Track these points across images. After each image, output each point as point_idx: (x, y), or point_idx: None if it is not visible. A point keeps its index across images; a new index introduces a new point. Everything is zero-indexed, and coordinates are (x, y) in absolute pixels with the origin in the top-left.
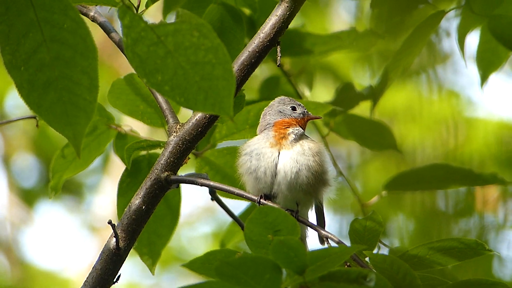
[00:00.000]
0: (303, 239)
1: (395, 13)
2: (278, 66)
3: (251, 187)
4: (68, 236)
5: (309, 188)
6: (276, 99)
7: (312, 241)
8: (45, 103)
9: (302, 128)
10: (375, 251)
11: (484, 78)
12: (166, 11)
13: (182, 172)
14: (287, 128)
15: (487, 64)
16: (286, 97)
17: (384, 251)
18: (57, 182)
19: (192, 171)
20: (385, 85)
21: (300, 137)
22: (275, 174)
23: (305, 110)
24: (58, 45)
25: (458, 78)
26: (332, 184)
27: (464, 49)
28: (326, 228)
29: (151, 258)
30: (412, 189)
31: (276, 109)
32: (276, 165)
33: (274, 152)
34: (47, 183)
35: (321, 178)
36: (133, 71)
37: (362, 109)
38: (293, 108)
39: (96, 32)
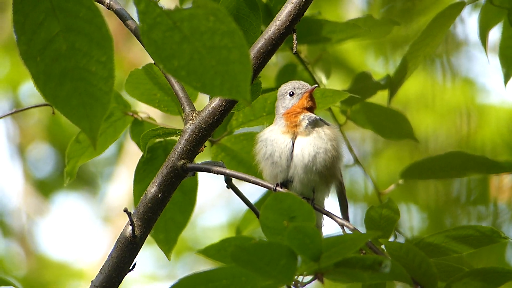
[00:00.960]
0: (319, 227)
1: None
2: (294, 53)
3: (268, 173)
4: (82, 226)
5: (325, 171)
6: (278, 92)
7: (328, 230)
8: (61, 94)
9: (312, 110)
10: (390, 239)
11: (508, 75)
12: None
13: (198, 160)
14: (298, 115)
15: (510, 61)
16: (284, 85)
17: (399, 239)
18: (73, 167)
19: (208, 159)
20: (404, 75)
21: (315, 123)
22: (291, 158)
23: (303, 89)
24: (74, 35)
25: (472, 65)
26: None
27: (486, 45)
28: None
29: (168, 244)
30: (428, 177)
31: (280, 101)
32: (290, 149)
33: (287, 138)
34: (62, 173)
35: (336, 163)
36: (144, 60)
37: (378, 97)
38: (291, 94)
39: (114, 20)
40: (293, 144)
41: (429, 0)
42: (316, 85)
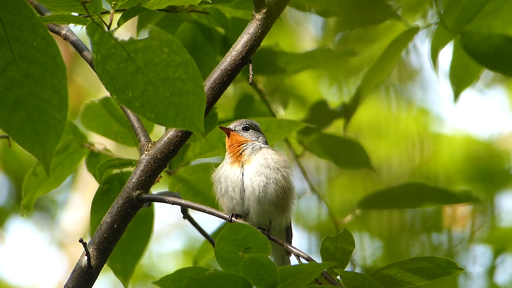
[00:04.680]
0: (283, 256)
1: (361, 25)
2: (250, 84)
3: (227, 207)
4: (37, 252)
5: (279, 201)
6: None
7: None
8: (15, 122)
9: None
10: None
11: (457, 94)
12: (139, 28)
13: (154, 190)
14: (240, 146)
15: (459, 81)
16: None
17: (354, 269)
18: (29, 200)
19: (165, 189)
20: (358, 102)
21: (259, 150)
22: (243, 190)
23: (238, 128)
24: (27, 64)
25: (426, 93)
26: (296, 198)
27: (437, 66)
28: (295, 245)
29: (125, 274)
30: (386, 208)
31: None
32: (241, 181)
33: (236, 170)
34: (16, 200)
35: (288, 192)
36: (93, 85)
37: (334, 125)
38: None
39: (61, 46)
40: (243, 174)
41: (382, 27)
42: (229, 126)
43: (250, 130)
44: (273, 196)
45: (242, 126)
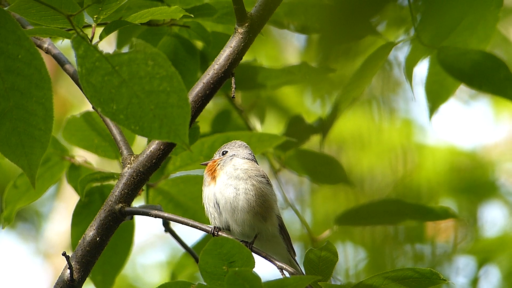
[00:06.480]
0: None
1: (341, 42)
2: (232, 97)
3: (212, 225)
4: (22, 263)
5: (254, 209)
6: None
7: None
8: (0, 134)
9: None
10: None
11: (432, 110)
12: (120, 43)
13: (135, 202)
14: (215, 166)
15: (435, 96)
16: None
17: (338, 281)
18: (10, 212)
19: (143, 202)
20: (335, 117)
21: (230, 160)
22: (217, 204)
23: (217, 156)
24: (13, 76)
25: (410, 105)
26: (278, 206)
27: (412, 81)
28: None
29: (105, 285)
30: (363, 224)
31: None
32: (215, 195)
33: (211, 187)
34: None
35: (263, 198)
36: (75, 95)
37: (314, 140)
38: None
39: (45, 58)
40: (214, 189)
41: (366, 42)
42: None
43: (228, 151)
44: (245, 205)
45: (220, 153)
